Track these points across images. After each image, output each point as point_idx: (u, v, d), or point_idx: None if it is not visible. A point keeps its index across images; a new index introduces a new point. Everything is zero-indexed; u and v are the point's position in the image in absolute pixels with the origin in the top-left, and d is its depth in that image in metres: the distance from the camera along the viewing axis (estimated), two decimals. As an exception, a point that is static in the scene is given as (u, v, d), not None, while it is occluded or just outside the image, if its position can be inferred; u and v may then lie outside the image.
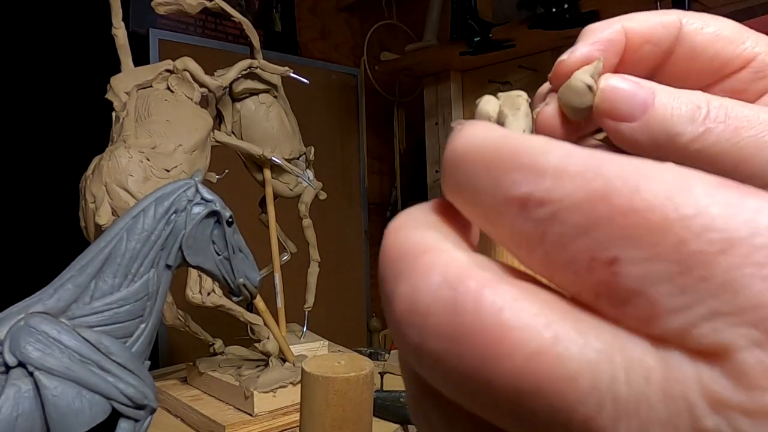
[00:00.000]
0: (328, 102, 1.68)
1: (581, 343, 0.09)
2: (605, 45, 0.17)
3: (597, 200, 0.09)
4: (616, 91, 0.16)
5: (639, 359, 0.09)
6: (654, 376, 0.09)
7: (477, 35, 1.24)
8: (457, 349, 0.10)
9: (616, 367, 0.09)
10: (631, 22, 0.18)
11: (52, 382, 0.40)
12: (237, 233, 0.54)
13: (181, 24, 1.41)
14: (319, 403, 0.41)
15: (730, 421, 0.08)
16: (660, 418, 0.09)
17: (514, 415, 0.10)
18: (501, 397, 0.09)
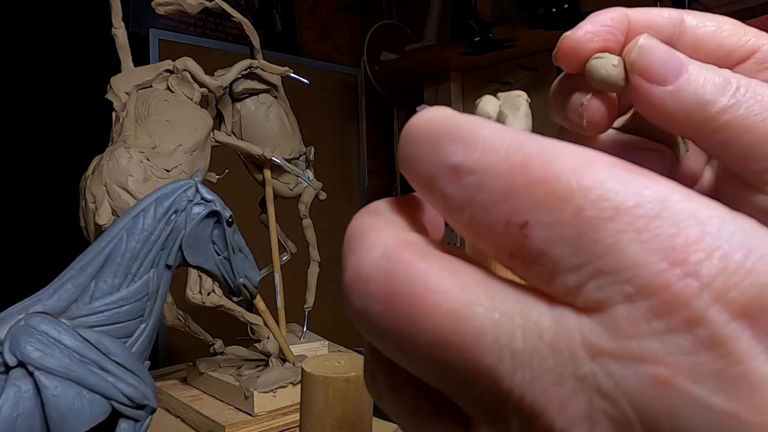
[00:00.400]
0: (328, 102, 1.68)
1: (489, 305, 0.11)
2: (609, 25, 0.18)
3: (516, 170, 0.11)
4: (654, 50, 0.17)
5: (535, 320, 0.10)
6: (546, 334, 0.10)
7: (477, 35, 1.24)
8: (390, 310, 0.11)
9: (515, 327, 0.10)
10: (633, 11, 0.19)
11: (52, 382, 0.41)
12: (237, 233, 0.54)
13: (181, 24, 1.41)
14: (319, 403, 0.41)
15: (602, 366, 0.10)
16: (549, 368, 0.10)
17: (434, 367, 0.11)
18: (424, 351, 0.11)
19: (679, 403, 0.10)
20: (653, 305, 0.10)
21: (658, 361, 0.10)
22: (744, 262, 0.10)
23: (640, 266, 0.10)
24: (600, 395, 0.10)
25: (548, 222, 0.10)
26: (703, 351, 0.10)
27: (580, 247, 0.10)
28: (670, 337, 0.10)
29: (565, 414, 0.10)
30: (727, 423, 0.09)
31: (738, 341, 0.10)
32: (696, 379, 0.10)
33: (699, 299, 0.10)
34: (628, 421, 0.10)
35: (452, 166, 0.11)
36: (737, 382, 0.09)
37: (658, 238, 0.10)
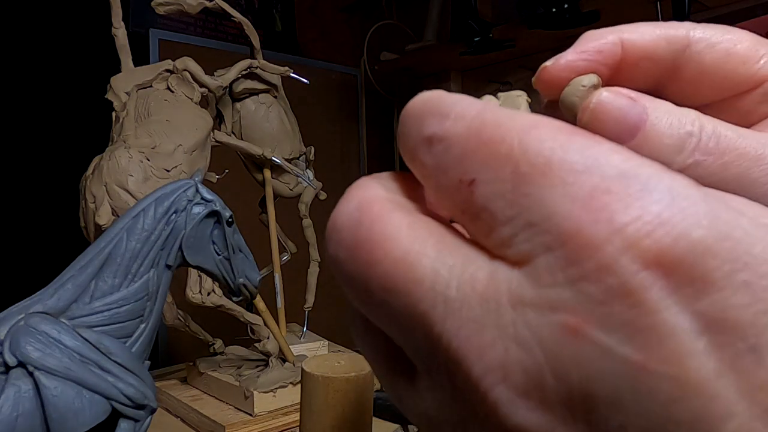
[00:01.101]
0: (328, 102, 1.67)
1: (434, 257, 0.11)
2: (594, 56, 0.16)
3: (472, 135, 0.11)
4: (605, 111, 0.16)
5: (472, 272, 0.11)
6: (478, 285, 0.11)
7: (477, 35, 1.24)
8: (353, 257, 0.12)
9: (452, 277, 0.11)
10: (631, 34, 0.17)
11: (52, 382, 0.40)
12: (237, 233, 0.54)
13: (181, 24, 1.41)
14: (319, 403, 0.41)
15: (522, 315, 0.10)
16: (474, 317, 0.11)
17: (385, 313, 0.12)
18: (376, 296, 0.12)
19: (588, 353, 0.10)
20: (567, 253, 0.10)
21: (570, 309, 0.10)
22: (661, 213, 0.10)
23: (559, 215, 0.10)
24: (516, 344, 0.10)
25: (490, 178, 0.11)
26: (613, 300, 0.10)
27: (513, 200, 0.11)
28: (581, 285, 0.10)
29: (482, 362, 0.10)
30: (634, 373, 0.09)
31: (648, 291, 0.10)
32: (605, 329, 0.10)
33: (609, 246, 0.10)
34: (540, 369, 0.10)
35: (428, 136, 0.12)
36: (646, 333, 0.09)
37: (581, 189, 0.10)
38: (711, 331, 0.09)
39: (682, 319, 0.09)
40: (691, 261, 0.10)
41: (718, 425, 0.09)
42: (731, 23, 0.98)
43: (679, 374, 0.09)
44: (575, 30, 1.11)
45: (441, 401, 0.12)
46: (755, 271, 0.09)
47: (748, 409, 0.09)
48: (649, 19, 1.04)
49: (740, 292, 0.09)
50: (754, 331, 0.09)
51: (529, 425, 0.10)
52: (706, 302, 0.09)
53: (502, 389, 0.10)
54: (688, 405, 0.09)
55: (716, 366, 0.09)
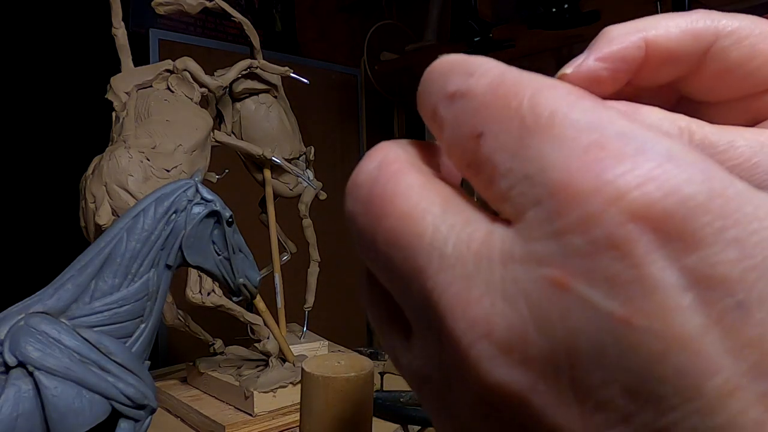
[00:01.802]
0: (328, 102, 1.67)
1: (438, 214, 0.12)
2: (617, 64, 0.16)
3: (490, 90, 0.12)
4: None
5: (470, 232, 0.11)
6: (474, 244, 0.11)
7: (477, 35, 1.24)
8: (366, 211, 0.13)
9: (450, 235, 0.11)
10: (656, 30, 0.16)
11: (52, 382, 0.40)
12: (237, 233, 0.54)
13: (181, 24, 1.41)
14: (319, 403, 0.41)
15: (510, 271, 0.10)
16: (465, 274, 0.11)
17: (387, 266, 0.12)
18: (381, 249, 0.12)
19: (573, 307, 0.10)
20: (556, 204, 0.10)
21: (556, 262, 0.10)
22: (653, 169, 0.10)
23: (553, 167, 0.10)
24: (503, 299, 0.10)
25: (498, 130, 0.11)
26: (599, 252, 0.10)
27: (515, 152, 0.11)
28: (567, 237, 0.10)
29: (466, 317, 0.11)
30: (618, 327, 0.09)
31: (635, 244, 0.09)
32: (590, 282, 0.10)
33: (597, 196, 0.10)
34: (524, 324, 0.10)
35: (451, 92, 0.12)
36: (631, 287, 0.09)
37: (578, 144, 0.10)
38: (698, 287, 0.09)
39: (669, 273, 0.09)
40: (681, 216, 0.09)
41: (703, 381, 0.09)
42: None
43: (665, 329, 0.09)
44: (575, 30, 1.11)
45: (430, 358, 0.12)
46: (746, 228, 0.09)
47: (734, 364, 0.09)
48: (649, 19, 1.03)
49: (730, 248, 0.09)
50: (742, 287, 0.09)
51: (509, 382, 0.10)
52: (695, 257, 0.09)
53: (484, 345, 0.10)
54: (672, 361, 0.09)
55: (702, 322, 0.09)
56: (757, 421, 0.09)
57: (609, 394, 0.09)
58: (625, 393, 0.09)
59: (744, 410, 0.09)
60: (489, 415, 0.11)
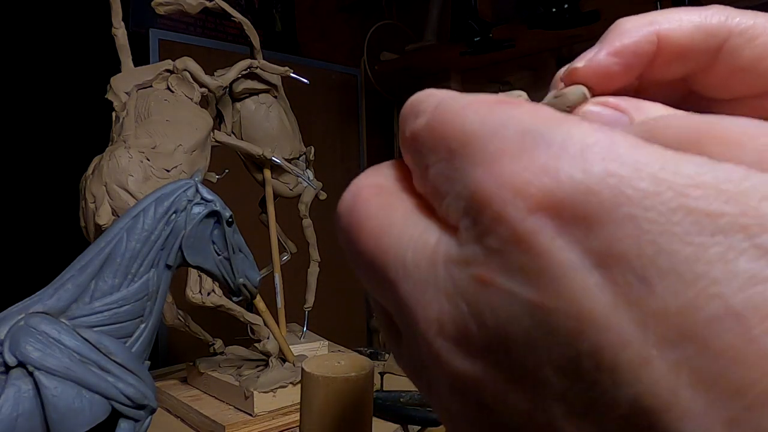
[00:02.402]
0: (328, 102, 1.67)
1: (401, 229, 0.13)
2: (629, 59, 0.16)
3: (425, 129, 0.13)
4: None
5: (426, 239, 0.12)
6: (428, 251, 0.12)
7: (477, 35, 1.24)
8: (347, 239, 0.14)
9: (409, 246, 0.12)
10: (669, 24, 0.16)
11: (52, 382, 0.40)
12: (237, 233, 0.54)
13: (181, 24, 1.41)
14: (319, 403, 0.41)
15: (450, 273, 0.11)
16: (422, 278, 0.12)
17: (371, 284, 0.14)
18: (363, 269, 0.14)
19: (497, 298, 0.11)
20: (473, 213, 0.11)
21: (479, 262, 0.11)
22: (546, 162, 0.10)
23: (470, 181, 0.11)
24: (447, 299, 0.11)
25: (434, 161, 0.12)
26: (508, 248, 0.10)
27: (448, 176, 0.12)
28: (484, 239, 0.11)
29: (425, 317, 0.12)
30: (537, 313, 0.10)
31: (537, 235, 0.10)
32: (507, 275, 0.10)
33: (498, 198, 0.11)
34: (465, 320, 0.11)
35: (407, 137, 0.14)
36: (541, 275, 0.10)
37: (486, 153, 0.11)
38: (601, 266, 0.10)
39: (573, 256, 0.10)
40: (573, 201, 0.10)
41: (616, 354, 0.09)
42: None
43: (577, 310, 0.10)
44: (575, 30, 1.11)
45: (413, 357, 0.13)
46: (640, 204, 0.10)
47: (642, 337, 0.09)
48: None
49: (625, 225, 0.10)
50: (642, 263, 0.09)
51: (465, 372, 0.11)
52: (593, 238, 0.10)
53: (441, 341, 0.12)
54: (587, 338, 0.10)
55: (610, 299, 0.10)
56: (669, 389, 0.09)
57: (543, 374, 0.10)
58: (556, 372, 0.10)
59: (657, 380, 0.09)
60: (462, 400, 0.12)
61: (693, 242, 0.09)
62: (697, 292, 0.09)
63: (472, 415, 0.12)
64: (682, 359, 0.09)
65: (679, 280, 0.09)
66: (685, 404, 0.09)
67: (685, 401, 0.09)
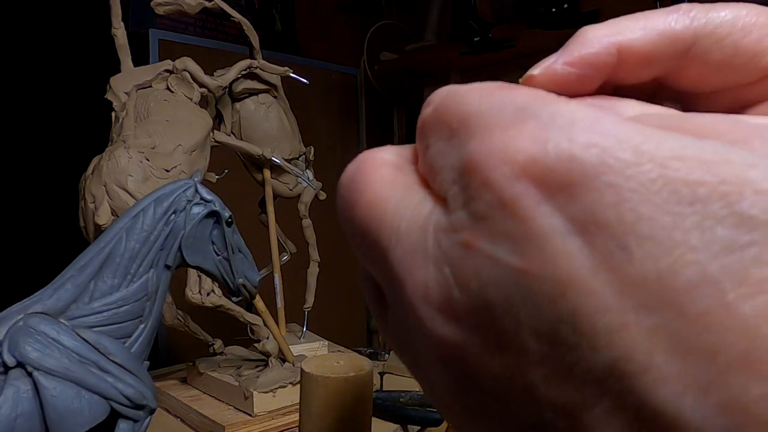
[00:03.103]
0: (328, 102, 1.67)
1: (399, 199, 0.13)
2: (585, 70, 0.16)
3: (431, 114, 0.14)
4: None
5: (420, 210, 0.13)
6: (420, 220, 0.12)
7: (477, 35, 1.24)
8: (346, 206, 0.14)
9: (405, 215, 0.13)
10: (631, 36, 0.16)
11: (51, 383, 0.40)
12: (236, 233, 0.54)
13: (181, 24, 1.41)
14: (318, 403, 0.41)
15: (437, 240, 0.12)
16: (412, 246, 0.12)
17: (363, 251, 0.14)
18: (357, 237, 0.14)
19: (481, 263, 0.11)
20: (462, 181, 0.12)
21: (465, 227, 0.11)
22: (533, 131, 0.11)
23: (464, 153, 0.12)
24: (433, 265, 0.12)
25: (434, 141, 0.13)
26: (493, 213, 0.11)
27: (445, 152, 0.13)
28: (471, 205, 0.11)
29: (412, 283, 0.12)
30: (519, 278, 0.10)
31: (521, 200, 0.11)
32: (491, 241, 0.11)
33: (486, 165, 0.11)
34: (449, 285, 0.11)
35: (420, 122, 0.14)
36: (524, 240, 0.10)
37: (481, 128, 0.12)
38: (583, 232, 0.10)
39: (556, 222, 0.10)
40: (557, 168, 0.10)
41: (595, 319, 0.10)
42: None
43: (558, 275, 0.10)
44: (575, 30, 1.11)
45: (399, 324, 0.13)
46: (621, 173, 0.10)
47: (621, 302, 0.10)
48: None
49: (606, 193, 0.10)
50: (622, 230, 0.10)
51: (448, 337, 0.12)
52: (576, 205, 0.10)
53: (425, 307, 0.12)
54: (567, 303, 0.10)
55: (591, 264, 0.10)
56: (646, 353, 0.09)
57: (523, 339, 0.11)
58: (535, 337, 0.10)
59: (633, 344, 0.10)
60: (445, 368, 0.12)
61: (671, 211, 0.10)
62: (675, 259, 0.09)
63: (454, 385, 0.12)
64: (659, 324, 0.09)
65: (657, 247, 0.09)
66: (661, 368, 0.09)
67: (660, 365, 0.09)
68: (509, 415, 0.11)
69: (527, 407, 0.11)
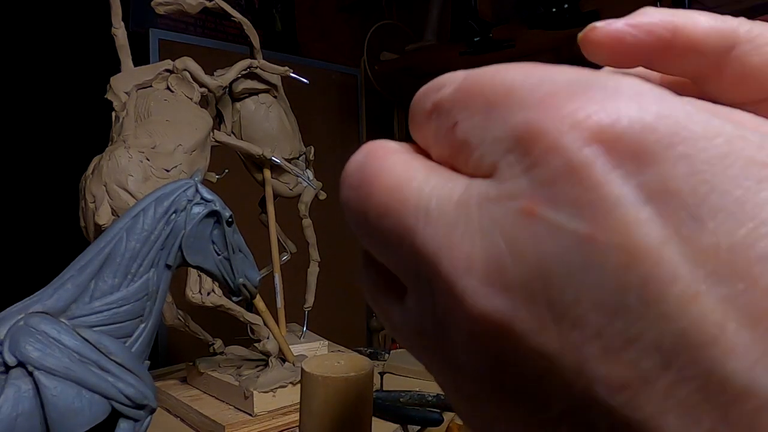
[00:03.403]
0: (328, 102, 1.67)
1: (422, 180, 0.13)
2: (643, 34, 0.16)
3: (457, 91, 0.13)
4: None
5: (451, 187, 0.12)
6: (454, 196, 0.12)
7: (477, 35, 1.24)
8: (356, 195, 0.14)
9: (433, 194, 0.12)
10: (686, 22, 0.16)
11: (52, 382, 0.40)
12: (237, 233, 0.54)
13: (181, 24, 1.41)
14: (318, 403, 0.41)
15: (486, 210, 0.11)
16: (448, 222, 0.12)
17: (378, 238, 0.13)
18: (372, 223, 0.13)
19: (542, 232, 0.11)
20: (521, 148, 0.11)
21: (525, 194, 0.11)
22: (603, 100, 0.11)
23: (516, 122, 0.12)
24: (480, 236, 0.11)
25: (466, 116, 0.13)
26: (561, 178, 0.11)
27: (484, 126, 0.12)
28: (533, 171, 0.11)
29: (450, 258, 0.12)
30: (584, 245, 0.10)
31: (592, 166, 0.10)
32: (556, 207, 0.11)
33: (554, 130, 0.11)
34: (500, 255, 0.11)
35: (429, 109, 0.14)
36: (592, 206, 0.10)
37: (534, 97, 0.12)
38: (654, 201, 0.10)
39: (627, 190, 0.10)
40: (631, 135, 0.10)
41: (665, 288, 0.10)
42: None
43: (627, 243, 0.10)
44: (575, 30, 1.11)
45: (424, 309, 0.13)
46: (694, 145, 0.10)
47: (692, 272, 0.10)
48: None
49: (680, 163, 0.10)
50: (695, 200, 0.10)
51: (492, 311, 0.11)
52: (648, 174, 0.10)
53: (468, 279, 0.11)
54: (636, 271, 0.10)
55: (661, 233, 0.10)
56: (716, 323, 0.09)
57: (581, 310, 0.10)
58: (595, 308, 0.10)
59: (704, 314, 0.09)
60: (479, 351, 0.12)
61: (742, 185, 0.10)
62: (748, 231, 0.10)
63: (488, 368, 0.12)
64: (731, 295, 0.09)
65: (730, 219, 0.10)
66: (731, 339, 0.09)
67: (731, 336, 0.09)
68: (547, 398, 0.11)
69: (571, 388, 0.11)
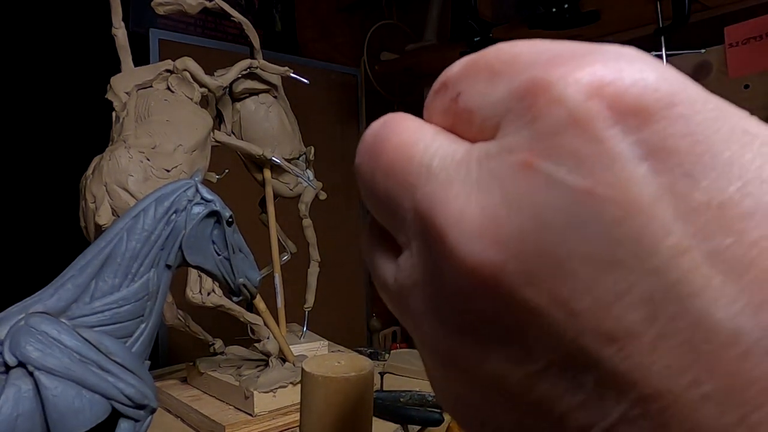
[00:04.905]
0: (328, 102, 1.67)
1: (428, 142, 0.13)
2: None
3: (462, 67, 0.14)
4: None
5: (455, 148, 0.13)
6: (457, 156, 0.12)
7: (477, 35, 1.24)
8: (368, 158, 0.14)
9: (437, 153, 0.13)
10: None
11: (53, 382, 0.40)
12: (237, 233, 0.54)
13: (181, 24, 1.41)
14: (319, 403, 0.41)
15: (485, 166, 0.12)
16: (447, 178, 0.12)
17: (383, 198, 0.14)
18: (379, 184, 0.14)
19: (539, 184, 0.11)
20: (524, 102, 0.11)
21: (524, 147, 0.11)
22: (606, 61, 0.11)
23: (521, 82, 0.12)
24: (478, 189, 0.12)
25: (469, 85, 0.13)
26: (562, 130, 0.11)
27: (486, 92, 0.13)
28: (534, 124, 0.11)
29: (445, 211, 0.12)
30: (581, 199, 0.10)
31: (594, 120, 0.11)
32: (555, 160, 0.11)
33: (559, 83, 0.11)
34: (495, 207, 0.11)
35: (437, 88, 0.14)
36: (593, 159, 0.10)
37: (540, 59, 0.12)
38: (651, 158, 0.10)
39: (626, 146, 0.10)
40: (633, 93, 0.11)
41: (657, 242, 0.10)
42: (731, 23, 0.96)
43: (623, 197, 0.10)
44: (575, 30, 1.11)
45: (416, 263, 0.13)
46: (692, 107, 0.11)
47: (684, 227, 0.10)
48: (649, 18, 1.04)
49: (678, 123, 0.10)
50: (690, 159, 0.10)
51: (481, 264, 0.11)
52: (647, 131, 0.10)
53: (459, 230, 0.11)
54: (630, 225, 0.10)
55: (656, 189, 0.10)
56: (705, 276, 0.10)
57: (574, 264, 0.10)
58: (588, 262, 0.10)
59: (694, 268, 0.10)
60: (465, 306, 0.12)
61: (731, 148, 0.10)
62: (736, 189, 0.10)
63: (472, 323, 0.12)
64: (719, 249, 0.10)
65: (721, 178, 0.10)
66: (718, 290, 0.10)
67: (718, 287, 0.10)
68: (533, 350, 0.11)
69: (559, 341, 0.11)
